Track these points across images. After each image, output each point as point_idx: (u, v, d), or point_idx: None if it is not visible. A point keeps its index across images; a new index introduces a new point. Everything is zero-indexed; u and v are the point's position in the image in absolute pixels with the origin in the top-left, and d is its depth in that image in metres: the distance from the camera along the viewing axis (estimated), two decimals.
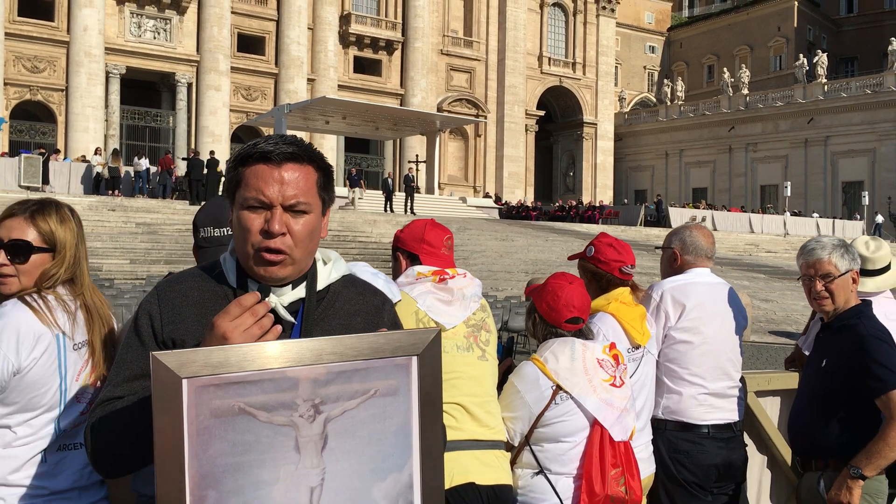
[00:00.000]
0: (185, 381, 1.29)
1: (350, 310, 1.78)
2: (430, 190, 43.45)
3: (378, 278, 2.59)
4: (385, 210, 35.50)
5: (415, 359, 1.45)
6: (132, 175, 31.62)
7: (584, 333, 3.01)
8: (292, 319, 1.69)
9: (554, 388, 2.85)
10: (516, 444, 2.90)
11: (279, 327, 1.53)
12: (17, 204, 2.27)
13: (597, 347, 2.96)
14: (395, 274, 2.97)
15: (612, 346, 3.02)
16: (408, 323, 2.68)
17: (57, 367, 2.12)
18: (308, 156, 1.67)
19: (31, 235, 2.17)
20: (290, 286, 1.70)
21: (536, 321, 3.04)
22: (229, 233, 2.40)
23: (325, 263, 1.80)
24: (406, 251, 2.96)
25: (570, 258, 3.63)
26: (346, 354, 1.40)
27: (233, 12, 46.56)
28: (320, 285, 1.75)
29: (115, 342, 2.28)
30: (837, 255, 3.26)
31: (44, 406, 2.09)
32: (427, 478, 1.45)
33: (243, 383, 1.33)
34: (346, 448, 1.39)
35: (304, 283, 1.72)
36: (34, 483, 2.05)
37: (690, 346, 3.44)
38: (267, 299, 1.59)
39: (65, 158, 33.48)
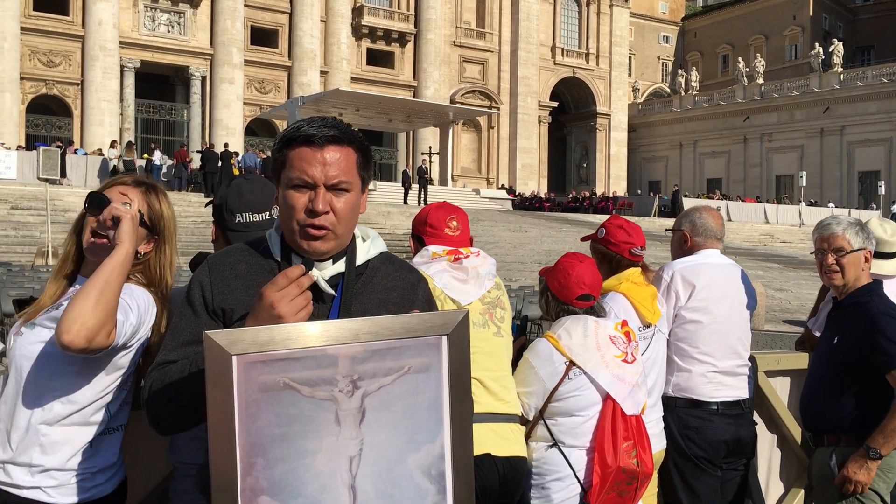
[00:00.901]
0: (234, 358, 1.40)
1: (387, 285, 1.90)
2: (443, 182, 43.52)
3: None
4: (404, 202, 35.66)
5: (444, 338, 1.56)
6: (147, 168, 31.88)
7: (596, 311, 3.11)
8: (332, 292, 1.81)
9: (567, 363, 2.95)
10: (531, 419, 3.00)
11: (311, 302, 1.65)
12: (127, 175, 2.37)
13: (609, 324, 3.07)
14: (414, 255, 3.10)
15: (624, 323, 3.13)
16: None
17: (140, 351, 2.25)
18: (348, 138, 1.80)
19: (142, 203, 2.27)
20: (331, 261, 1.82)
21: (549, 299, 3.15)
22: (267, 217, 2.53)
23: (363, 240, 1.91)
24: (413, 234, 3.10)
25: (583, 239, 3.75)
26: (381, 334, 1.50)
27: (246, 5, 46.70)
28: (359, 261, 1.86)
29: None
30: (852, 232, 3.36)
31: (113, 387, 2.21)
32: (457, 449, 1.55)
33: (288, 360, 1.44)
34: (383, 421, 1.50)
35: (344, 259, 1.84)
36: (83, 465, 2.17)
37: (700, 325, 3.54)
38: (311, 272, 1.70)
39: (76, 151, 33.70)
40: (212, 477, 1.39)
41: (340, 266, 1.83)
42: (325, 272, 1.80)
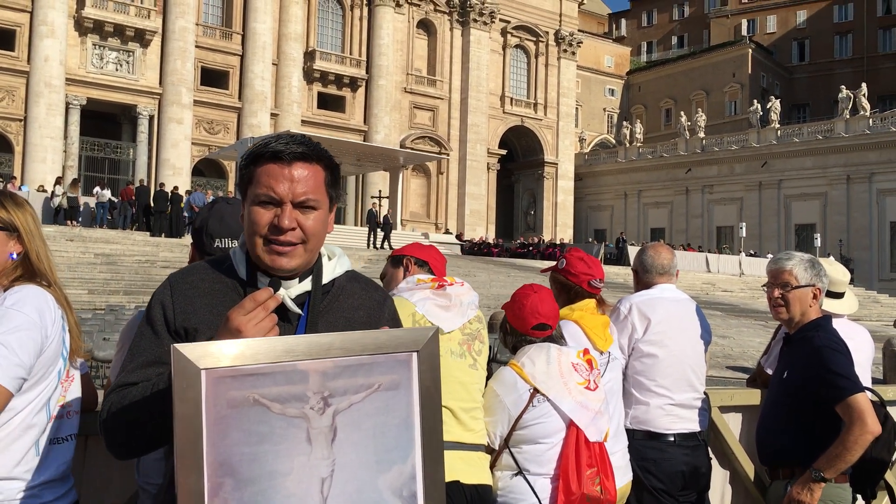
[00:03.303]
0: (203, 372, 1.36)
1: (353, 303, 1.87)
2: (392, 226, 43.54)
3: None
4: (368, 246, 35.64)
5: (415, 354, 1.53)
6: (91, 206, 31.26)
7: (556, 339, 3.14)
8: (299, 311, 1.77)
9: (531, 391, 2.96)
10: (496, 447, 2.99)
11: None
12: None
13: (571, 352, 3.09)
14: (389, 284, 3.09)
15: (586, 351, 3.17)
16: (404, 324, 2.79)
17: (61, 345, 2.19)
18: (317, 155, 1.77)
19: None
20: (298, 279, 1.78)
21: (507, 331, 3.17)
22: None
23: (329, 259, 1.88)
24: (417, 259, 3.16)
25: (543, 271, 3.79)
26: (351, 349, 1.48)
27: (197, 46, 46.54)
28: (325, 279, 1.83)
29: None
30: (800, 269, 3.43)
31: (46, 385, 2.15)
32: (428, 470, 1.52)
33: (257, 375, 1.40)
34: (354, 440, 1.47)
35: (311, 277, 1.80)
36: (28, 475, 2.11)
37: (657, 358, 3.60)
38: (277, 293, 1.67)
39: (20, 187, 32.85)
40: (178, 498, 1.34)
41: (307, 285, 1.79)
42: (291, 291, 1.76)
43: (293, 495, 1.41)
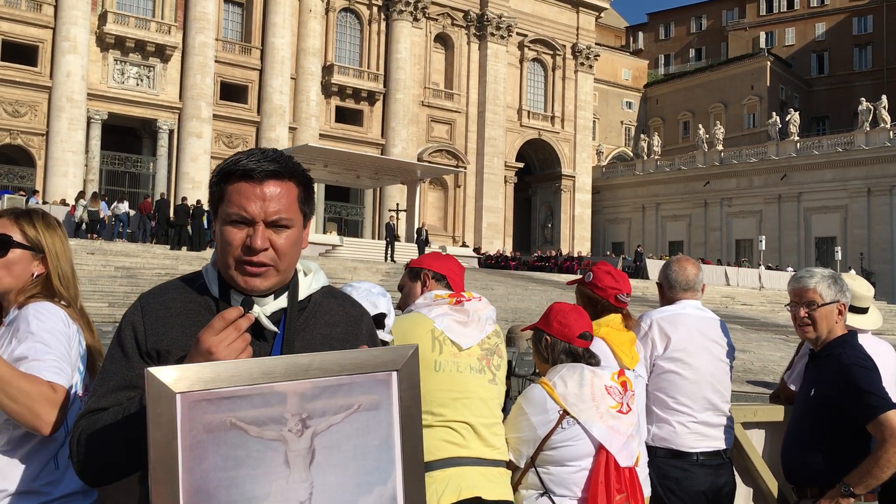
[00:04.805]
0: (178, 396, 1.34)
1: (330, 320, 1.83)
2: (409, 239, 43.58)
3: (384, 297, 2.81)
4: (385, 259, 35.70)
5: (394, 374, 1.51)
6: (112, 219, 31.56)
7: (592, 356, 3.09)
8: (275, 328, 1.73)
9: (561, 412, 2.90)
10: (522, 466, 2.94)
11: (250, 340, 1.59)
12: (4, 209, 2.36)
13: (605, 374, 3.02)
14: (408, 298, 3.08)
15: (621, 372, 3.10)
16: (423, 341, 2.81)
17: (79, 359, 2.20)
18: (289, 172, 1.72)
19: (13, 232, 2.24)
20: (273, 296, 1.74)
21: (548, 342, 3.08)
22: None
23: (305, 274, 1.84)
24: (435, 273, 3.14)
25: (569, 283, 3.75)
26: (330, 370, 1.46)
27: (216, 61, 46.97)
28: (301, 295, 1.79)
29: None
30: (824, 286, 3.38)
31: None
32: (410, 490, 1.49)
33: (234, 398, 1.38)
34: (333, 462, 1.44)
35: (286, 294, 1.76)
36: (48, 488, 2.11)
37: (679, 376, 3.55)
38: (251, 311, 1.64)
39: (29, 199, 32.94)
40: None
41: (282, 301, 1.75)
42: (266, 308, 1.73)
43: None
